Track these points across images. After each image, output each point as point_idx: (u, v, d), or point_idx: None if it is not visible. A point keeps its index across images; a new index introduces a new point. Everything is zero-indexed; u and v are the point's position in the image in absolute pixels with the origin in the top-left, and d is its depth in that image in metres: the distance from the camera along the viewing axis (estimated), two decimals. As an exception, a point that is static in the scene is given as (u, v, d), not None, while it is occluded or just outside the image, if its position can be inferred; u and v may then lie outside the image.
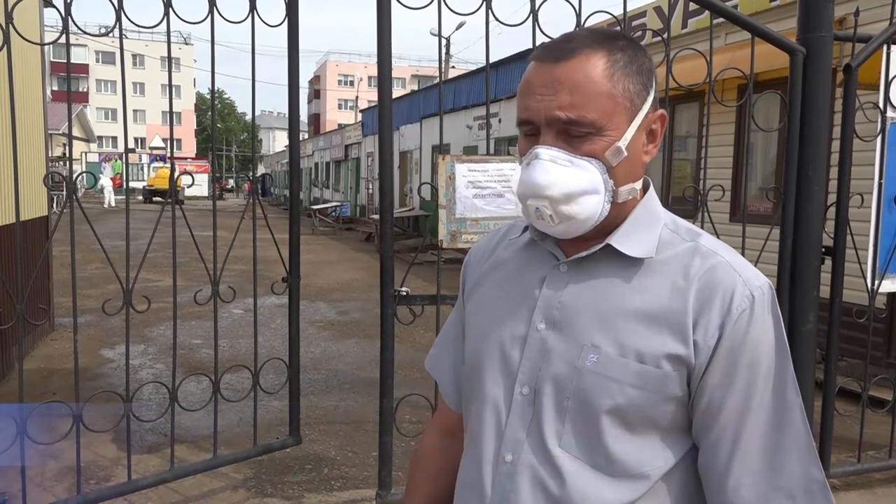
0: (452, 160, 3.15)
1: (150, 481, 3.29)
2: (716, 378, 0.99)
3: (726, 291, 0.99)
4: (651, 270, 1.03)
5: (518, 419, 1.06)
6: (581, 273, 1.07)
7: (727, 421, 0.99)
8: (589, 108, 0.98)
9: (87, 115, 45.93)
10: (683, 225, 1.09)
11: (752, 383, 0.99)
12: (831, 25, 3.27)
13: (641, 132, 1.04)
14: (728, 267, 1.01)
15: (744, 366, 0.98)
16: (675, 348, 0.99)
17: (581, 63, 0.99)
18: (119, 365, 6.23)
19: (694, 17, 8.15)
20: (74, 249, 2.88)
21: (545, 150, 1.00)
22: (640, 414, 1.00)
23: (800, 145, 3.30)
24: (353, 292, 10.84)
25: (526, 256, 1.14)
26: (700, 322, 0.98)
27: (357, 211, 27.06)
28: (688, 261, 1.03)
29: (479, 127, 15.65)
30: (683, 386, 1.00)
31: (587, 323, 1.03)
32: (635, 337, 1.00)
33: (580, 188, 0.99)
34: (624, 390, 0.99)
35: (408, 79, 64.35)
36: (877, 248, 3.59)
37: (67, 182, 2.79)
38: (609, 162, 1.00)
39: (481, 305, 1.17)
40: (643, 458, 1.01)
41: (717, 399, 0.99)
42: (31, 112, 6.39)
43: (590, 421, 1.01)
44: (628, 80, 1.00)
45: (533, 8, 3.13)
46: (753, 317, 0.98)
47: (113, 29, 2.86)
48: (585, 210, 1.00)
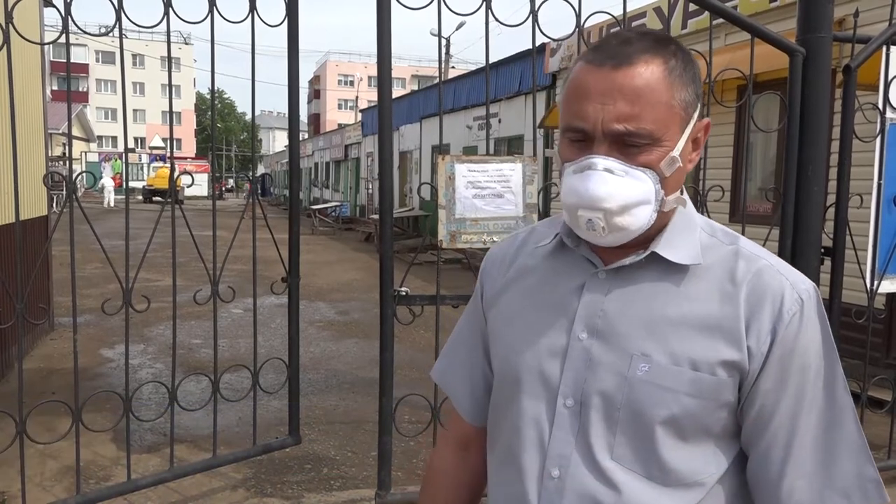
0: (452, 160, 3.15)
1: (149, 481, 3.29)
2: (768, 383, 0.98)
3: (776, 296, 0.98)
4: (695, 276, 1.02)
5: (563, 433, 1.02)
6: (622, 280, 1.04)
7: (780, 425, 0.98)
8: (648, 118, 0.95)
9: (86, 115, 45.92)
10: (719, 228, 1.08)
11: (803, 386, 0.98)
12: (831, 26, 3.27)
13: (689, 141, 1.02)
14: (774, 270, 1.01)
15: (795, 369, 0.98)
16: (730, 354, 0.97)
17: (640, 70, 0.95)
18: (118, 364, 6.23)
19: (694, 18, 8.15)
20: (74, 249, 2.88)
21: (602, 160, 0.96)
22: (695, 422, 0.98)
23: (799, 146, 3.30)
24: (353, 292, 10.84)
25: (557, 264, 1.10)
26: (752, 327, 0.97)
27: (357, 211, 27.06)
28: (732, 265, 1.01)
29: (479, 127, 15.65)
30: (735, 392, 0.99)
31: (634, 331, 1.00)
32: (688, 344, 0.98)
33: (635, 199, 0.96)
34: (679, 399, 0.97)
35: (408, 79, 64.34)
36: (876, 249, 3.59)
37: (67, 182, 2.79)
38: (663, 172, 0.98)
39: (508, 316, 1.13)
40: (697, 465, 1.00)
41: (769, 404, 0.98)
42: (31, 112, 6.39)
43: (643, 432, 0.99)
44: (684, 89, 0.98)
45: (532, 8, 3.13)
46: (803, 320, 0.98)
47: (113, 29, 2.86)
48: (637, 221, 0.98)
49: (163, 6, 2.90)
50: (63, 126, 25.60)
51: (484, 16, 3.12)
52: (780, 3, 7.03)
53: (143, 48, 57.34)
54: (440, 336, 3.34)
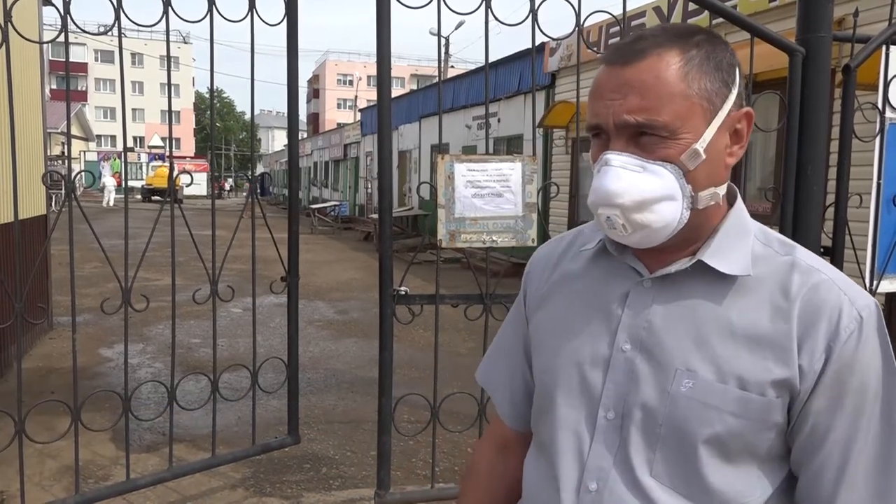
0: (451, 160, 3.15)
1: (148, 480, 3.28)
2: (821, 403, 0.93)
3: (833, 312, 0.92)
4: (747, 288, 0.97)
5: (603, 446, 1.00)
6: (668, 290, 1.00)
7: (833, 447, 0.93)
8: (661, 110, 0.92)
9: (85, 114, 45.83)
10: (775, 237, 1.02)
11: (860, 407, 0.93)
12: (830, 26, 3.27)
13: (723, 132, 0.97)
14: (832, 284, 0.95)
15: (852, 390, 0.92)
16: (780, 373, 0.92)
17: (652, 63, 0.93)
18: (118, 364, 6.23)
19: (693, 18, 8.16)
20: (73, 248, 2.88)
21: (615, 155, 0.94)
22: (739, 442, 0.94)
23: (798, 145, 3.30)
24: (352, 292, 10.84)
25: (601, 270, 1.07)
26: (805, 345, 0.92)
27: (356, 210, 27.05)
28: (786, 277, 0.96)
29: (479, 126, 15.64)
30: (784, 413, 0.94)
31: (679, 345, 0.97)
32: (736, 361, 0.94)
33: (654, 195, 0.93)
34: (723, 418, 0.93)
35: (407, 78, 64.35)
36: (875, 249, 3.59)
37: (66, 181, 2.79)
38: (685, 166, 0.94)
39: (551, 322, 1.11)
40: (740, 488, 0.95)
41: (822, 424, 0.93)
42: (29, 111, 6.38)
43: (685, 450, 0.95)
44: (705, 79, 0.94)
45: (532, 7, 3.13)
46: (862, 338, 0.92)
47: (112, 28, 2.86)
48: (662, 218, 0.94)
49: (162, 5, 2.89)
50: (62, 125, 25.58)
51: (483, 15, 3.12)
52: (780, 2, 7.03)
53: (142, 47, 57.33)
54: (440, 336, 3.35)
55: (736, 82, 0.98)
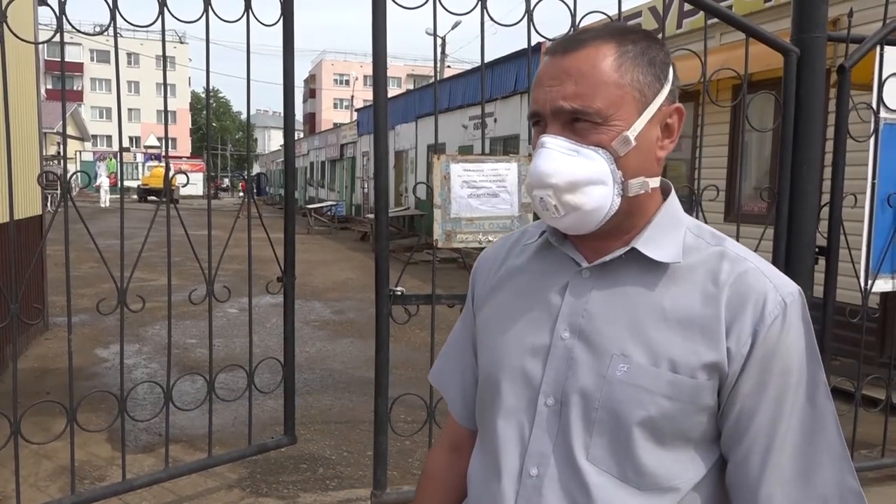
0: (447, 160, 3.15)
1: (144, 481, 3.28)
2: (748, 386, 0.96)
3: (758, 298, 0.97)
4: (678, 276, 1.01)
5: (543, 432, 1.02)
6: (605, 279, 1.03)
7: (759, 429, 0.97)
8: (595, 97, 0.96)
9: (81, 114, 45.76)
10: (707, 230, 1.06)
11: (784, 391, 0.96)
12: (825, 26, 3.28)
13: (654, 125, 1.01)
14: (758, 273, 0.99)
15: (776, 373, 0.96)
16: (709, 357, 0.96)
17: (589, 53, 0.98)
18: (113, 364, 6.22)
19: (689, 18, 8.17)
20: (69, 248, 2.87)
21: (550, 138, 0.98)
22: (672, 425, 0.97)
23: (794, 145, 3.31)
24: (349, 292, 10.83)
25: (543, 263, 1.11)
26: (733, 329, 0.96)
27: (352, 210, 27.04)
28: (716, 266, 1.00)
29: (475, 126, 15.64)
30: (714, 396, 0.98)
31: (615, 331, 1.00)
32: (668, 345, 0.97)
33: (585, 177, 0.97)
34: (656, 401, 0.96)
35: (403, 78, 64.33)
36: (870, 248, 3.60)
37: (62, 181, 2.79)
38: (616, 152, 0.98)
39: (496, 315, 1.13)
40: (673, 470, 0.98)
41: (748, 408, 0.97)
42: (25, 111, 6.37)
43: (620, 433, 0.98)
44: (638, 71, 0.98)
45: (528, 8, 3.13)
46: (786, 323, 0.96)
47: (107, 27, 2.86)
48: (592, 200, 0.98)
49: (158, 5, 2.89)
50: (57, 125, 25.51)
51: (479, 15, 3.12)
52: (775, 2, 7.05)
53: (138, 47, 57.26)
54: (436, 335, 3.35)
55: (669, 80, 1.02)
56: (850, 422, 3.88)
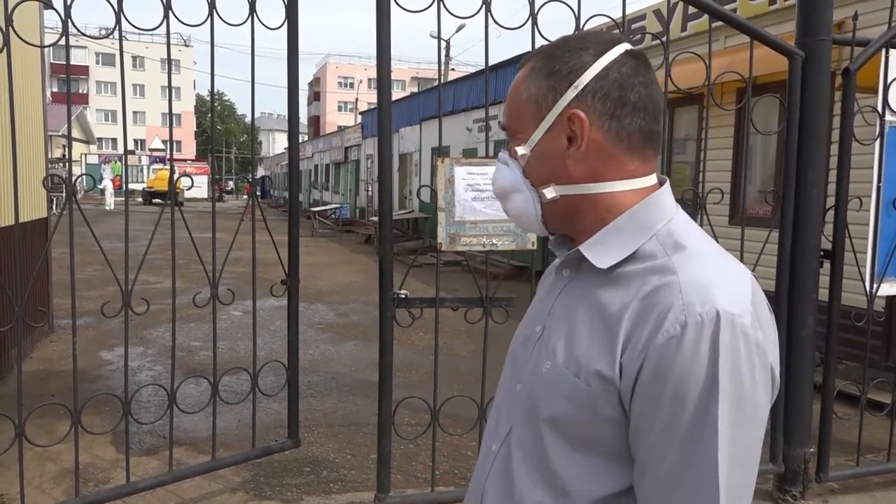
0: (452, 163, 3.15)
1: (148, 483, 3.29)
2: (639, 405, 0.91)
3: (661, 313, 0.89)
4: (615, 282, 0.99)
5: (508, 413, 1.10)
6: (575, 279, 1.08)
7: (647, 452, 0.91)
8: (508, 114, 1.08)
9: (86, 117, 45.92)
10: (675, 239, 0.98)
11: (672, 418, 0.88)
12: (830, 29, 3.28)
13: (558, 135, 1.01)
14: (675, 287, 0.91)
15: (667, 397, 0.88)
16: (603, 367, 0.93)
17: (516, 75, 1.08)
18: (118, 367, 6.22)
19: (693, 21, 8.16)
20: (73, 251, 2.88)
21: (501, 152, 1.11)
22: (576, 430, 0.97)
23: (798, 148, 3.31)
24: (352, 294, 10.84)
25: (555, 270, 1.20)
26: (629, 344, 0.92)
27: (356, 213, 27.06)
28: (648, 277, 0.95)
29: (479, 129, 15.65)
30: (617, 408, 0.93)
31: (557, 330, 1.05)
32: (580, 349, 0.98)
33: (505, 186, 1.09)
34: (559, 401, 0.99)
35: (407, 81, 64.40)
36: (875, 252, 3.59)
37: (67, 184, 2.79)
38: (520, 162, 1.06)
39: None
40: (585, 478, 0.97)
41: (640, 428, 0.91)
42: (30, 114, 6.39)
43: (534, 427, 1.03)
44: (534, 85, 1.03)
45: (532, 11, 3.13)
46: (682, 346, 0.87)
47: (113, 31, 2.86)
48: (515, 207, 1.09)
49: (162, 8, 2.90)
50: (63, 128, 25.60)
51: (484, 18, 3.12)
52: (780, 5, 7.04)
53: (143, 50, 57.40)
54: (439, 338, 3.35)
55: (575, 86, 0.99)
56: (855, 426, 3.86)
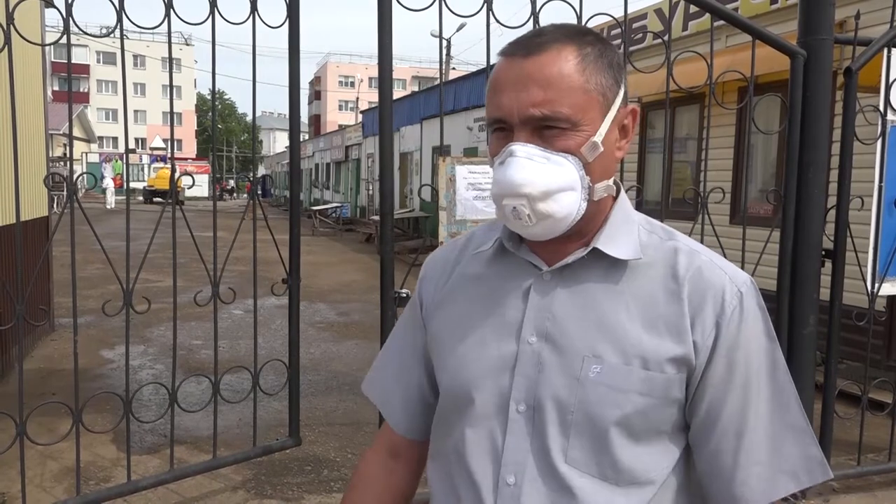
0: (453, 162, 3.15)
1: (149, 482, 3.29)
2: (716, 376, 0.99)
3: (717, 291, 0.99)
4: (639, 273, 1.02)
5: (517, 439, 1.01)
6: (567, 280, 1.03)
7: (730, 417, 0.99)
8: (563, 103, 0.95)
9: (87, 116, 45.94)
10: (658, 225, 1.08)
11: (749, 377, 0.99)
12: (832, 28, 3.28)
13: (614, 127, 1.01)
14: (713, 266, 1.02)
15: (740, 361, 0.99)
16: (677, 350, 0.98)
17: (552, 57, 0.96)
18: (119, 365, 6.23)
19: (695, 20, 8.16)
20: (74, 250, 2.88)
21: (520, 146, 0.96)
22: (646, 421, 0.99)
23: (800, 148, 3.30)
24: (353, 293, 10.84)
25: (501, 269, 1.09)
26: (696, 323, 0.98)
27: (357, 212, 27.06)
28: (673, 261, 1.02)
29: (480, 128, 15.65)
30: (683, 388, 1.00)
31: (584, 332, 1.00)
32: (636, 342, 0.98)
33: (557, 185, 0.96)
34: (631, 399, 0.97)
35: (408, 80, 64.37)
36: (877, 251, 3.59)
37: (68, 183, 2.79)
38: (585, 158, 0.97)
39: (453, 325, 1.10)
40: (649, 463, 1.00)
41: (717, 398, 0.99)
42: (31, 112, 6.39)
43: (597, 434, 0.98)
44: (600, 75, 0.98)
45: (534, 10, 3.13)
46: (744, 312, 0.99)
47: (114, 30, 2.86)
48: (564, 208, 0.97)
49: (164, 7, 2.90)
50: (64, 127, 25.62)
51: (485, 17, 3.12)
52: (782, 4, 7.03)
53: (144, 49, 57.40)
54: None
55: (623, 81, 1.03)
56: (856, 425, 3.86)
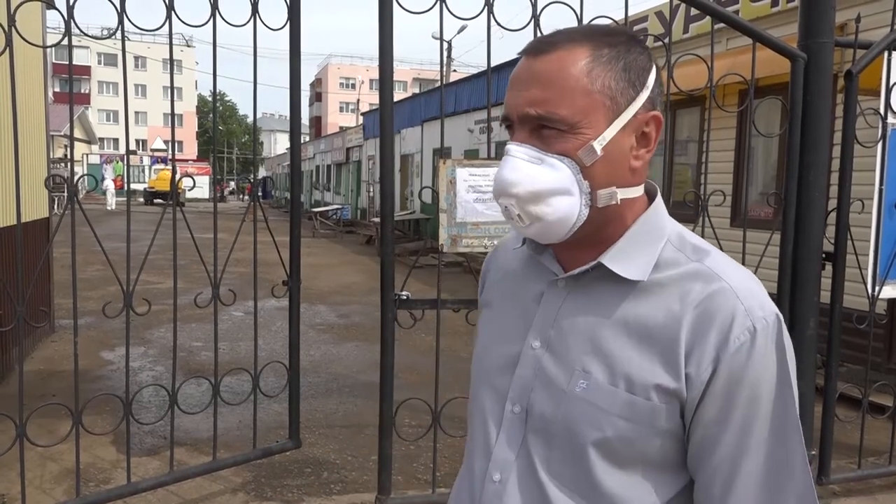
0: (453, 165, 3.15)
1: (149, 484, 3.29)
2: (710, 414, 0.91)
3: (724, 321, 0.90)
4: (647, 293, 0.96)
5: (507, 438, 1.02)
6: (578, 291, 1.01)
7: (721, 460, 0.91)
8: (561, 104, 0.92)
9: (88, 117, 45.98)
10: (691, 242, 0.99)
11: (749, 422, 0.90)
12: (832, 31, 3.28)
13: (628, 134, 0.96)
14: (730, 294, 0.92)
15: (741, 403, 0.90)
16: (665, 380, 0.91)
17: (559, 57, 0.93)
18: (119, 367, 6.23)
19: (695, 23, 8.16)
20: (75, 251, 2.88)
21: (515, 146, 0.95)
22: (630, 447, 0.93)
23: (800, 151, 3.30)
24: (354, 295, 10.84)
25: (528, 269, 1.09)
26: (693, 353, 0.91)
27: (358, 214, 27.08)
28: (688, 285, 0.94)
29: (481, 130, 15.65)
30: (676, 419, 0.93)
31: (580, 345, 0.97)
32: (627, 364, 0.93)
33: (548, 187, 0.93)
34: (612, 421, 0.93)
35: (409, 82, 64.42)
36: (877, 254, 3.59)
37: (68, 184, 2.79)
38: (582, 161, 0.93)
39: (487, 319, 1.15)
40: (637, 495, 0.94)
41: (710, 436, 0.92)
42: (32, 113, 6.40)
43: (576, 451, 0.95)
44: (610, 77, 0.93)
45: (534, 13, 3.13)
46: (754, 350, 0.89)
47: (115, 31, 2.87)
48: (556, 211, 0.94)
49: (165, 9, 2.90)
50: (65, 128, 25.66)
51: (486, 20, 3.12)
52: (782, 7, 7.04)
53: (145, 50, 57.45)
54: (441, 340, 3.35)
55: (647, 86, 0.97)
56: (857, 429, 3.86)
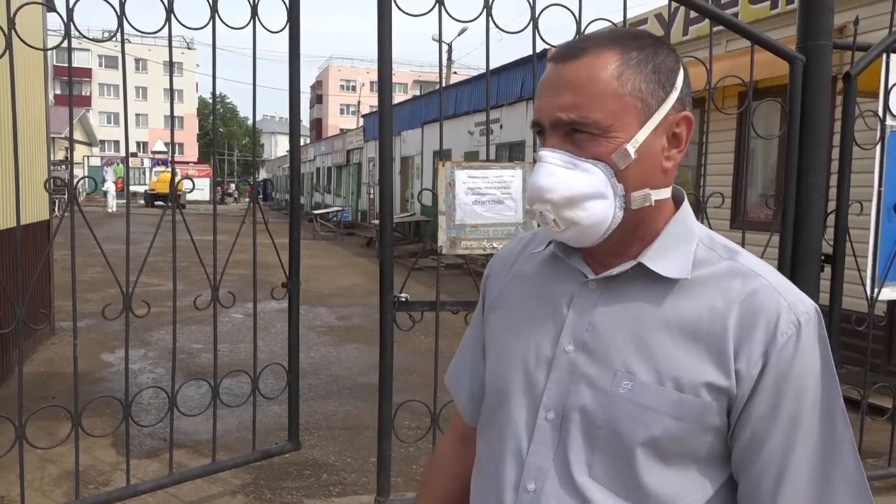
0: (452, 167, 3.16)
1: (148, 486, 3.29)
2: (760, 409, 0.92)
3: (770, 317, 0.92)
4: (687, 291, 0.96)
5: (542, 446, 1.00)
6: (612, 292, 1.00)
7: (771, 455, 0.92)
8: (592, 108, 0.93)
9: (89, 119, 45.99)
10: (720, 242, 1.01)
11: (798, 415, 0.92)
12: (831, 34, 3.28)
13: (660, 135, 0.97)
14: (771, 290, 0.94)
15: (790, 396, 0.92)
16: (716, 377, 0.92)
17: (589, 62, 0.94)
18: (119, 369, 6.23)
19: (694, 25, 8.17)
20: (75, 253, 2.88)
21: (549, 152, 0.96)
22: (678, 445, 0.94)
23: (799, 153, 3.30)
24: (353, 297, 10.84)
25: (551, 271, 1.08)
26: (742, 350, 0.92)
27: (358, 216, 27.08)
28: (727, 282, 0.96)
29: (480, 133, 15.66)
30: (723, 416, 0.94)
31: (620, 347, 0.97)
32: (673, 363, 0.94)
33: (583, 192, 0.94)
34: (661, 420, 0.93)
35: (409, 84, 64.48)
36: (876, 256, 3.59)
37: (69, 186, 2.80)
38: (616, 164, 0.94)
39: (503, 322, 1.12)
40: (679, 490, 0.95)
41: (760, 431, 0.93)
42: (33, 116, 6.40)
43: (623, 452, 0.95)
44: (640, 79, 0.94)
45: (533, 15, 3.14)
46: (800, 344, 0.91)
47: (115, 34, 2.87)
48: (592, 216, 0.95)
49: (165, 12, 2.91)
50: (65, 130, 25.64)
51: (485, 22, 3.13)
52: (781, 10, 7.05)
53: (145, 53, 57.57)
54: (440, 342, 3.35)
55: (676, 87, 0.98)
56: (856, 430, 3.85)
